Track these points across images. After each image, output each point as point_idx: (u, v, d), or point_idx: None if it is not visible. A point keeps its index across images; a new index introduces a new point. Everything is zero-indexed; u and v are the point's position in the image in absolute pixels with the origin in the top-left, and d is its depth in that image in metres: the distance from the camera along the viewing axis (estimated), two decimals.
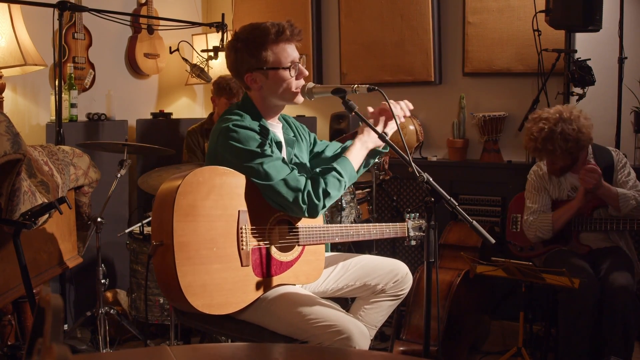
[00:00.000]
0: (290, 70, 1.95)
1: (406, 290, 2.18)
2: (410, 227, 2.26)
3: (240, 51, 1.95)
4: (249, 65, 1.95)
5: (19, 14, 3.08)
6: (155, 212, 1.87)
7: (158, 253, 1.80)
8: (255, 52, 1.93)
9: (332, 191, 1.90)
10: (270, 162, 1.86)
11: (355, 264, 2.17)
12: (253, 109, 2.00)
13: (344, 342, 1.74)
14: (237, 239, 1.85)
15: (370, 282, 2.13)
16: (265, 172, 1.85)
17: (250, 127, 1.90)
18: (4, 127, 1.87)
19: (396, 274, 2.14)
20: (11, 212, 1.98)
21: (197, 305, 1.76)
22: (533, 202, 2.91)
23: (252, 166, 1.85)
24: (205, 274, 1.78)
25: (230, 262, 1.83)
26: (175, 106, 4.57)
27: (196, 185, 1.79)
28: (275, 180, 1.85)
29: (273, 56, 1.93)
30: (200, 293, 1.77)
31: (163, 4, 4.29)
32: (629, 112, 3.40)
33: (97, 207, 2.95)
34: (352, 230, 2.11)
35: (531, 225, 2.87)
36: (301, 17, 4.36)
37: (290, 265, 1.97)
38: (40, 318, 0.70)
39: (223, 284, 1.81)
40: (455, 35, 4.00)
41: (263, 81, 1.96)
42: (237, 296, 1.84)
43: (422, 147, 4.16)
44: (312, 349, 1.58)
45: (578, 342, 2.56)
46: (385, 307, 2.15)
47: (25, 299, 2.35)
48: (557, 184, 2.89)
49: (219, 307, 1.80)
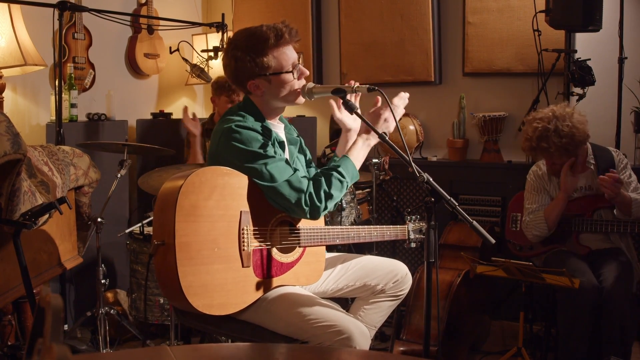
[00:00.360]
0: (292, 72, 1.94)
1: (406, 291, 2.18)
2: (411, 229, 2.26)
3: (241, 60, 1.91)
4: (250, 72, 1.93)
5: (19, 14, 3.08)
6: (157, 211, 1.87)
7: (159, 253, 1.80)
8: (256, 59, 1.90)
9: (335, 192, 1.89)
10: (274, 163, 1.85)
11: (355, 264, 2.18)
12: (255, 110, 1.99)
13: (344, 342, 1.74)
14: (239, 240, 1.84)
15: (370, 282, 2.13)
16: (269, 173, 1.84)
17: (252, 127, 1.89)
18: (4, 127, 1.87)
19: (396, 274, 2.14)
20: (11, 212, 1.98)
21: (197, 305, 1.76)
22: (532, 202, 2.91)
23: (255, 167, 1.85)
24: (206, 274, 1.78)
25: (231, 263, 1.83)
26: (175, 106, 4.57)
27: (198, 185, 1.79)
28: (278, 181, 1.84)
29: (275, 61, 1.92)
30: (201, 293, 1.77)
31: (163, 4, 4.29)
32: (629, 112, 3.40)
33: (97, 207, 2.95)
34: (352, 232, 2.11)
35: (528, 224, 2.88)
36: (301, 17, 4.36)
37: (291, 267, 1.98)
38: (40, 318, 0.70)
39: (224, 285, 1.81)
40: (455, 35, 4.00)
41: (266, 86, 1.95)
42: (237, 297, 1.84)
43: (422, 147, 4.16)
44: (312, 349, 1.58)
45: (577, 342, 2.56)
46: (384, 307, 2.15)
47: (25, 299, 2.35)
48: (557, 184, 2.89)
49: (219, 308, 1.80)
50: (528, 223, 2.88)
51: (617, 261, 2.69)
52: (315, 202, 1.86)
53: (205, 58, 3.76)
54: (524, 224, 2.92)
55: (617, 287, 2.54)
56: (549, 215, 2.81)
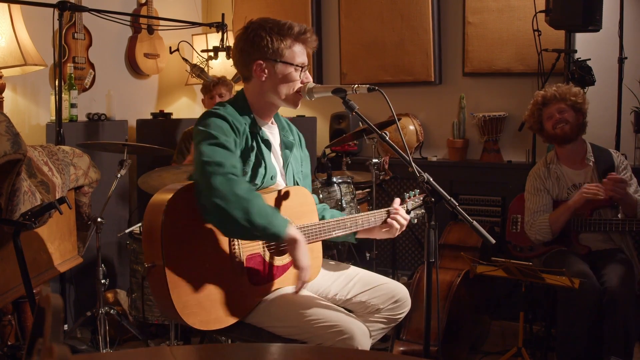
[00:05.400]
0: (296, 70, 1.93)
1: (402, 315, 2.10)
2: (410, 207, 2.21)
3: (259, 37, 1.91)
4: (263, 52, 1.91)
5: (19, 14, 3.08)
6: (144, 234, 1.83)
7: (151, 274, 1.78)
8: (275, 41, 1.90)
9: (230, 208, 1.68)
10: (217, 145, 1.78)
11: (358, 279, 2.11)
12: (243, 104, 1.97)
13: (346, 342, 1.73)
14: (230, 251, 1.83)
15: (370, 301, 2.05)
16: (203, 151, 1.76)
17: (224, 116, 1.85)
18: (4, 127, 1.87)
19: (394, 295, 2.06)
20: (11, 212, 1.98)
21: (193, 323, 1.74)
22: (532, 202, 2.91)
23: (199, 146, 1.79)
24: (200, 292, 1.76)
25: (224, 276, 1.80)
26: (175, 106, 4.57)
27: (182, 206, 1.75)
28: (204, 157, 1.75)
29: (289, 52, 1.92)
30: (197, 312, 1.75)
31: (163, 4, 4.29)
32: (629, 112, 3.40)
33: (97, 207, 2.95)
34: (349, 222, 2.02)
35: (531, 227, 2.88)
36: (301, 17, 4.36)
37: (288, 268, 1.96)
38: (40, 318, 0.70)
39: (220, 299, 1.79)
40: (455, 35, 4.00)
41: (270, 73, 1.93)
42: (234, 307, 1.82)
43: (422, 147, 4.16)
44: (312, 349, 1.58)
45: (577, 342, 2.56)
46: (377, 328, 2.07)
47: (25, 299, 2.35)
48: (557, 182, 2.90)
49: (216, 322, 1.79)
50: (532, 225, 2.88)
51: (619, 261, 2.69)
52: (205, 196, 1.71)
53: (205, 58, 3.77)
54: (527, 225, 2.91)
55: (621, 288, 2.54)
56: (554, 222, 2.81)
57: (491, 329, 3.48)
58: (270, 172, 1.96)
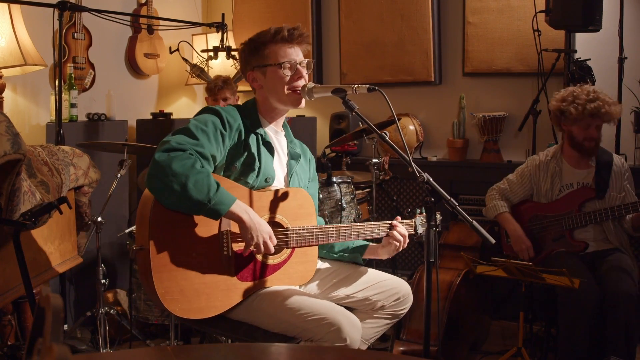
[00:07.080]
0: (283, 68, 1.95)
1: (405, 310, 2.12)
2: (419, 223, 2.21)
3: (242, 51, 2.06)
4: (250, 64, 2.03)
5: (19, 14, 3.08)
6: (138, 216, 1.86)
7: (139, 257, 1.80)
8: (255, 51, 2.00)
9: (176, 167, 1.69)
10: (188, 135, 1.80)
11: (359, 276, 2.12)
12: (251, 110, 2.02)
13: (335, 333, 1.73)
14: (220, 244, 1.83)
15: (372, 297, 2.07)
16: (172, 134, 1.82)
17: (218, 111, 1.91)
18: (4, 127, 1.87)
19: (397, 292, 2.08)
20: (11, 212, 1.98)
21: (173, 310, 1.76)
22: (509, 183, 3.02)
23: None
24: (183, 280, 1.78)
25: (210, 267, 1.81)
26: (175, 106, 4.57)
27: None
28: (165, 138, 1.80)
29: (271, 54, 1.98)
30: (178, 299, 1.76)
31: (163, 4, 4.29)
32: (629, 112, 3.40)
33: (97, 207, 2.95)
34: (349, 230, 2.03)
35: (490, 199, 3.05)
36: (301, 17, 4.36)
37: (279, 268, 1.95)
38: (40, 318, 0.70)
39: (203, 289, 1.80)
40: (455, 35, 4.00)
41: (262, 80, 2.01)
42: (218, 300, 1.83)
43: (422, 147, 4.16)
44: (311, 349, 1.58)
45: (578, 342, 2.56)
46: (381, 324, 2.09)
47: (25, 299, 2.35)
48: (551, 179, 2.89)
49: (197, 312, 1.80)
50: (491, 198, 3.06)
51: (618, 262, 2.69)
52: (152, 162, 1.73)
53: (205, 58, 3.77)
54: (490, 191, 3.08)
55: (622, 288, 2.54)
56: (497, 217, 3.01)
57: (491, 329, 3.48)
58: (266, 174, 1.96)
